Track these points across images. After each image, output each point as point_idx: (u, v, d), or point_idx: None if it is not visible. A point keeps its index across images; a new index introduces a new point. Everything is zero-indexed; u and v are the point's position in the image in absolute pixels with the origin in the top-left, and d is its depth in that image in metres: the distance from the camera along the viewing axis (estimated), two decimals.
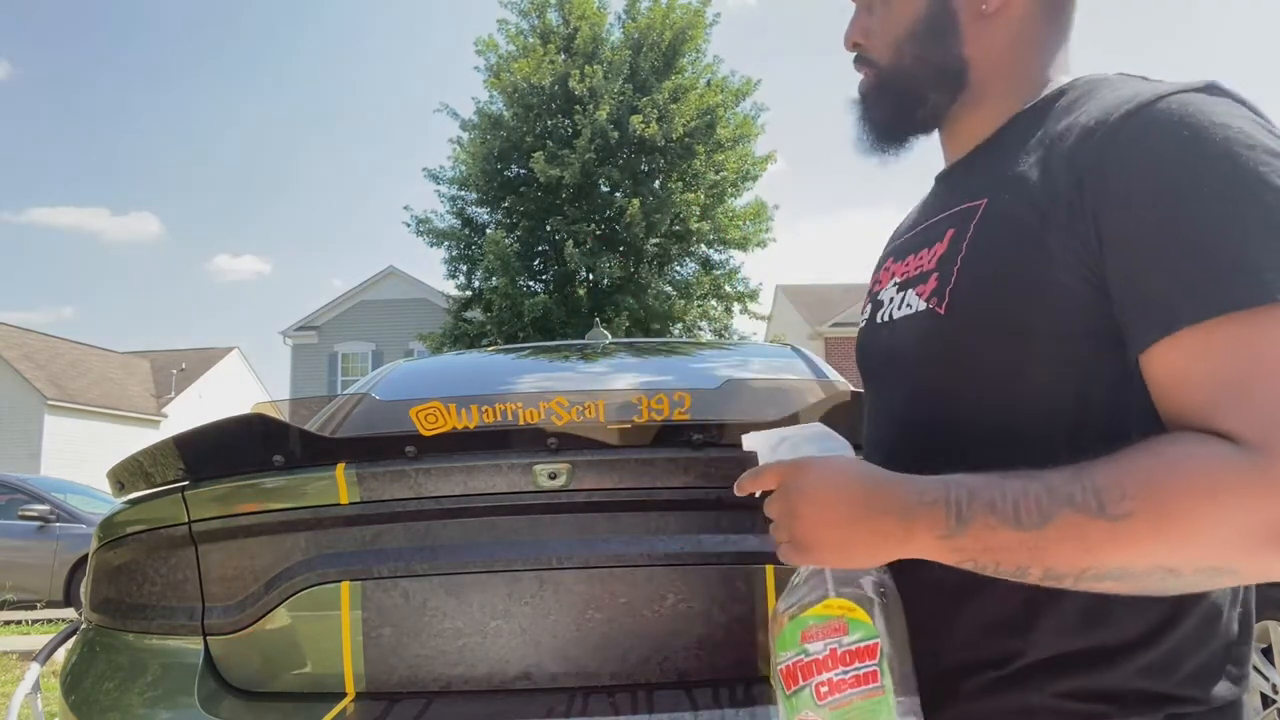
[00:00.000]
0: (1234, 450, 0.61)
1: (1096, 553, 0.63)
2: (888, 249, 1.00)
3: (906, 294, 0.86)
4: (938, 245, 0.83)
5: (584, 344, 3.06)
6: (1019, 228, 0.74)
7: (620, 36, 16.53)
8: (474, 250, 16.45)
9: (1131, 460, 0.63)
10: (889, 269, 0.95)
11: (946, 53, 0.86)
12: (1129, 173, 0.68)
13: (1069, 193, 0.71)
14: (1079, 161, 0.72)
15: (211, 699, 1.36)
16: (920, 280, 0.84)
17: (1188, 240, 0.65)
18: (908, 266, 0.89)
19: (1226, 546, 0.60)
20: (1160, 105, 0.70)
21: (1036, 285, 0.72)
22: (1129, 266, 0.68)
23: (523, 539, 1.40)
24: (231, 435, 1.44)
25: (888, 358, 0.89)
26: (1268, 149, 0.66)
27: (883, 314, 0.91)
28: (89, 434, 24.18)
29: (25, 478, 10.27)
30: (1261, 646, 2.90)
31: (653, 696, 1.34)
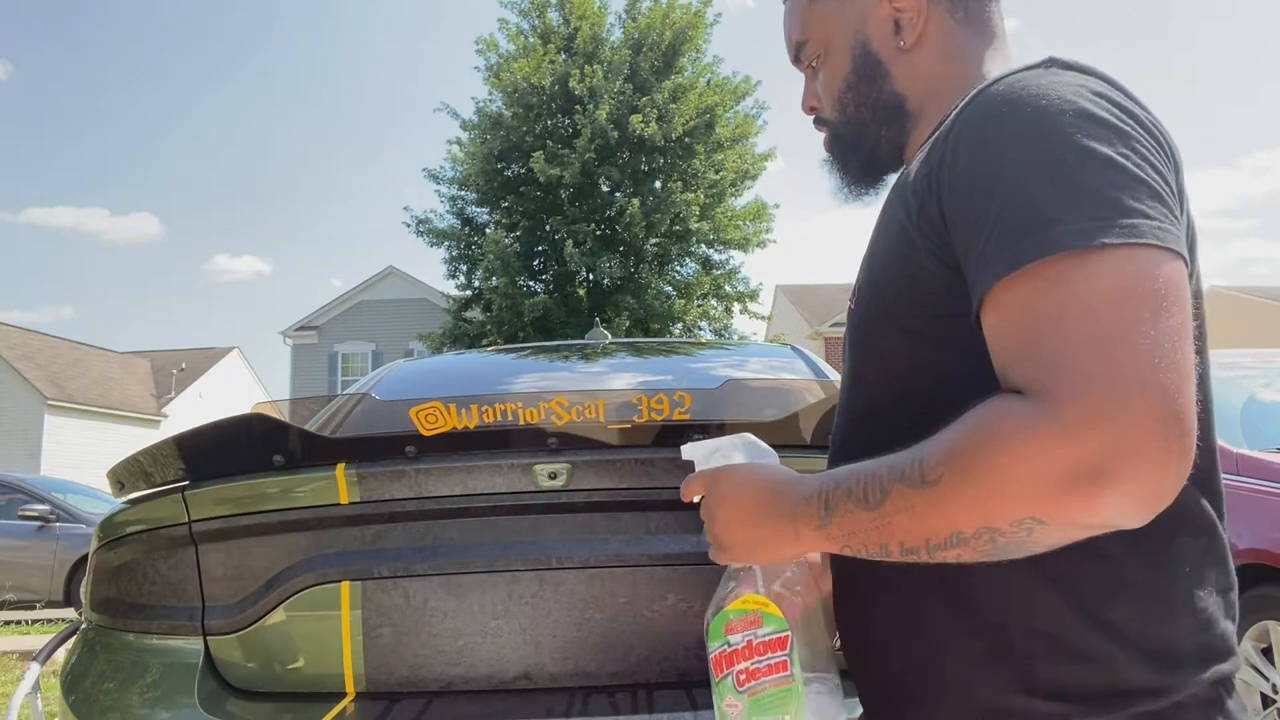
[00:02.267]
0: (1020, 401, 0.62)
1: (927, 520, 0.65)
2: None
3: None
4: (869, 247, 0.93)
5: (584, 344, 3.06)
6: (894, 222, 0.81)
7: (620, 36, 16.53)
8: (474, 250, 16.45)
9: (950, 427, 0.66)
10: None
11: (880, 93, 0.93)
12: (959, 151, 0.72)
13: (923, 180, 0.76)
14: (933, 151, 0.77)
15: (211, 699, 1.36)
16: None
17: (996, 205, 0.67)
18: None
19: (1027, 496, 0.61)
20: (993, 88, 0.75)
21: (910, 274, 0.77)
22: (963, 234, 0.71)
23: (523, 539, 1.40)
24: (231, 435, 1.44)
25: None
26: (1081, 111, 0.68)
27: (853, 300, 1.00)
28: (89, 434, 24.17)
29: (25, 478, 10.27)
30: (1261, 646, 2.90)
31: (653, 696, 1.34)
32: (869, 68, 0.94)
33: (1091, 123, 0.68)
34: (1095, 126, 0.68)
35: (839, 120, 0.98)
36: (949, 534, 0.65)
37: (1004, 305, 0.66)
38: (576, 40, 16.09)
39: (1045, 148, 0.67)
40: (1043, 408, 0.60)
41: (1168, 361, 0.59)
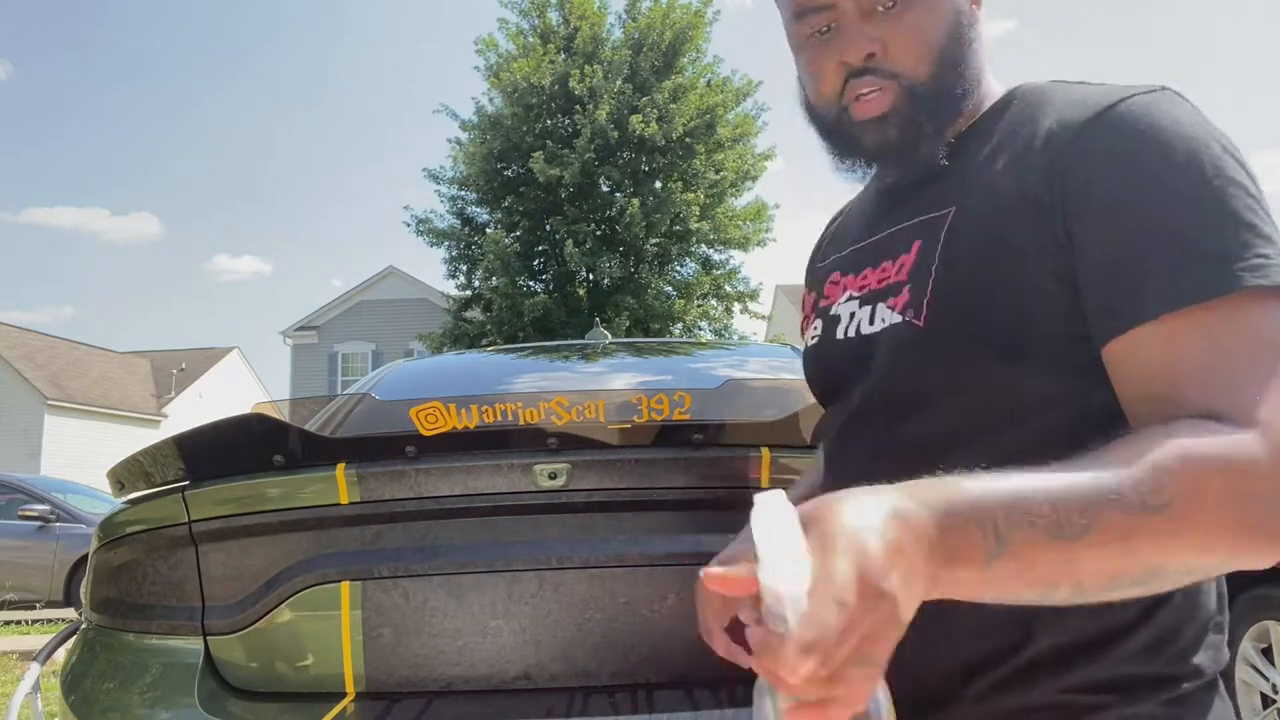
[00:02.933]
0: (1240, 431, 0.59)
1: (1137, 553, 0.57)
2: (831, 261, 0.96)
3: (876, 307, 0.83)
4: (904, 257, 0.82)
5: (584, 344, 3.06)
6: (991, 232, 0.74)
7: (620, 36, 16.53)
8: (474, 250, 16.46)
9: (1147, 448, 0.58)
10: (838, 282, 0.92)
11: (972, 63, 0.83)
12: (1101, 171, 0.70)
13: (1039, 191, 0.72)
14: (1049, 162, 0.73)
15: (211, 699, 1.36)
16: (891, 292, 0.82)
17: (1165, 232, 0.67)
18: (867, 280, 0.87)
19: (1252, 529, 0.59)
20: (1123, 108, 0.72)
21: (1016, 292, 0.72)
22: (1103, 257, 0.69)
23: (523, 539, 1.40)
24: (231, 435, 1.44)
25: (858, 376, 0.85)
26: (1223, 146, 0.70)
27: (845, 329, 0.88)
28: (89, 434, 24.18)
29: (25, 478, 10.28)
30: (1261, 646, 2.90)
31: (653, 696, 1.34)
32: (969, 30, 0.83)
33: (1235, 159, 0.69)
34: (1238, 163, 0.69)
35: (927, 78, 0.81)
36: (1152, 567, 0.58)
37: (1187, 332, 0.64)
38: (576, 40, 16.08)
39: (1208, 180, 0.67)
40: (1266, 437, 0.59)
41: None
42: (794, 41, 0.88)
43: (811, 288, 1.00)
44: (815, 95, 0.87)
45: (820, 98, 0.86)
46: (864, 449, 0.85)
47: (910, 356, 0.79)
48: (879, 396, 0.83)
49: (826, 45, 0.83)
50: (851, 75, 0.82)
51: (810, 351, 0.95)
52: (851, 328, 0.87)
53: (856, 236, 0.94)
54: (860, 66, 0.81)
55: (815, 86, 0.86)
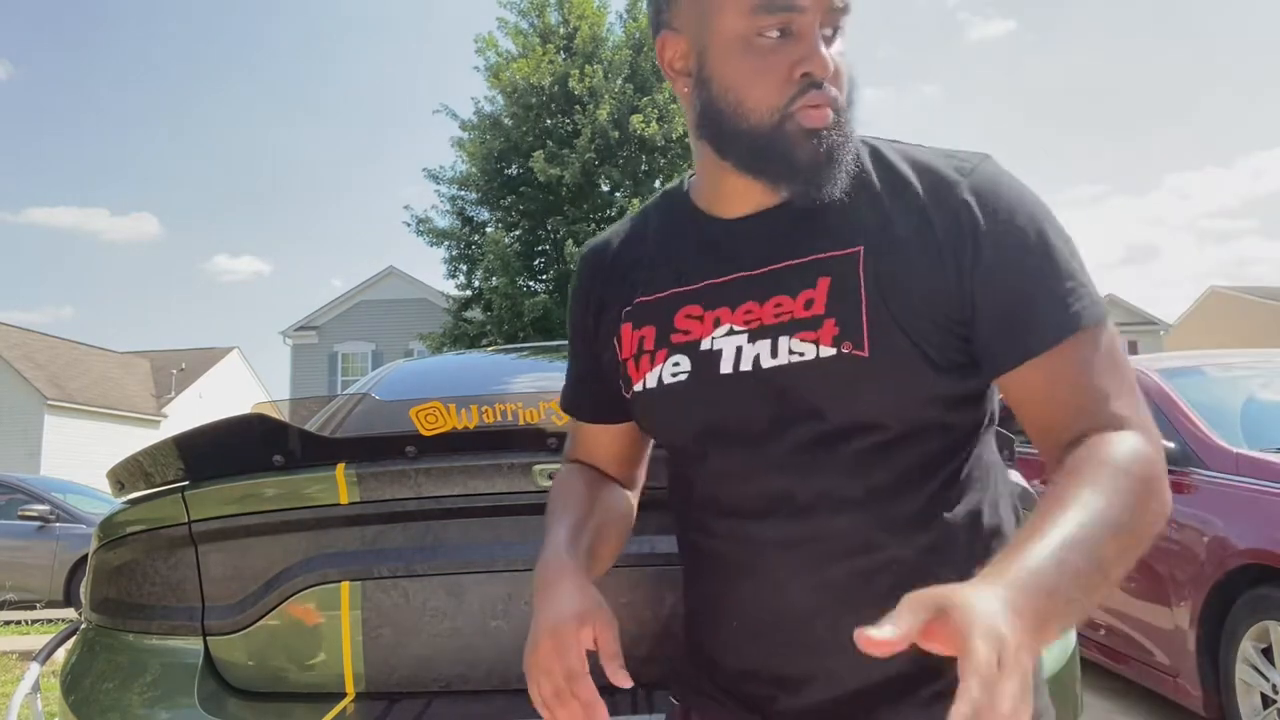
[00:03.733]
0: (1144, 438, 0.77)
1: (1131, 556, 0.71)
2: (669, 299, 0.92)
3: (778, 340, 0.84)
4: (808, 292, 0.84)
5: None
6: (916, 270, 0.82)
7: (621, 36, 16.53)
8: (474, 250, 16.46)
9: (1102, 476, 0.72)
10: (701, 317, 0.89)
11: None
12: (1000, 220, 0.82)
13: (952, 238, 0.82)
14: (953, 210, 0.82)
15: (211, 699, 1.36)
16: (805, 326, 0.83)
17: (1053, 271, 0.81)
18: (753, 314, 0.86)
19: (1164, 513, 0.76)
20: (987, 168, 0.85)
21: (937, 319, 0.82)
22: (1014, 294, 0.81)
23: (523, 539, 1.40)
24: (231, 435, 1.44)
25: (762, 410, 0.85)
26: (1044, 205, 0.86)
27: (732, 363, 0.86)
28: (89, 434, 24.18)
29: (25, 478, 10.28)
30: (1261, 646, 2.90)
31: (653, 696, 1.34)
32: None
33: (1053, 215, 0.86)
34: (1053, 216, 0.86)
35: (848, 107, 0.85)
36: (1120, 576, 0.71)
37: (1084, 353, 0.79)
38: (576, 40, 16.09)
39: (1059, 230, 0.83)
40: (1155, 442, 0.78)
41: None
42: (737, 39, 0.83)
43: (638, 324, 0.94)
44: (748, 98, 0.83)
45: (758, 102, 0.83)
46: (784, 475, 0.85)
47: (854, 385, 0.82)
48: (804, 424, 0.84)
49: (777, 50, 0.82)
50: (812, 86, 0.82)
51: (681, 388, 0.89)
52: (744, 362, 0.85)
53: (707, 272, 0.90)
54: (820, 81, 0.82)
55: (755, 89, 0.83)
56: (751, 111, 0.83)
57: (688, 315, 0.90)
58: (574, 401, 1.08)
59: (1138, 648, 3.50)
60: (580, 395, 1.06)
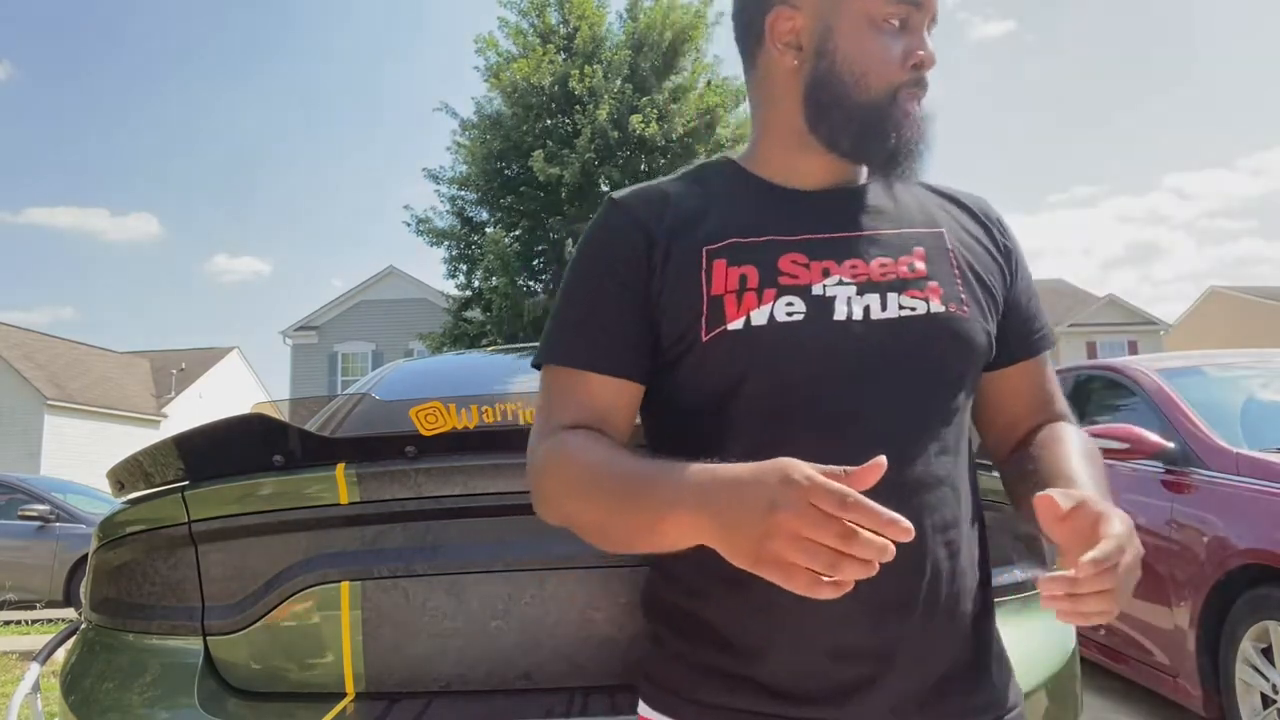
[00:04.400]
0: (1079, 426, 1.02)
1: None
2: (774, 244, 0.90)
3: (888, 296, 0.89)
4: (906, 258, 0.93)
5: None
6: (988, 256, 0.99)
7: (620, 36, 16.53)
8: (474, 250, 16.45)
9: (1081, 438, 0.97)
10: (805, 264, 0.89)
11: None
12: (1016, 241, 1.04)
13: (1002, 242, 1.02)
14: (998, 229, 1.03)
15: (211, 699, 1.36)
16: (911, 285, 0.91)
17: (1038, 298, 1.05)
18: (858, 269, 0.90)
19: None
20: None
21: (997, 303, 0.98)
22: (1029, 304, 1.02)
23: (523, 539, 1.40)
24: (231, 435, 1.44)
25: (876, 356, 0.86)
26: None
27: (847, 312, 0.87)
28: (89, 434, 24.17)
29: (25, 478, 10.27)
30: (1261, 647, 2.90)
31: None
32: None
33: None
34: None
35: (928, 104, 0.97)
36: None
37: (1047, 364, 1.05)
38: (576, 40, 16.08)
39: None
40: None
41: None
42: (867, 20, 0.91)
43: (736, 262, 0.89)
44: (868, 73, 0.91)
45: (877, 79, 0.91)
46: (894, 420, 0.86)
47: (958, 340, 0.91)
48: (915, 371, 0.89)
49: (896, 36, 0.92)
50: (918, 75, 0.92)
51: (796, 328, 0.86)
52: (856, 311, 0.87)
53: (796, 229, 0.91)
54: (924, 73, 0.93)
55: (877, 66, 0.91)
56: (872, 86, 0.91)
57: (793, 262, 0.89)
58: (592, 347, 0.91)
59: (1137, 647, 3.50)
60: (606, 340, 0.91)
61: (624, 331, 0.90)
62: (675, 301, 0.89)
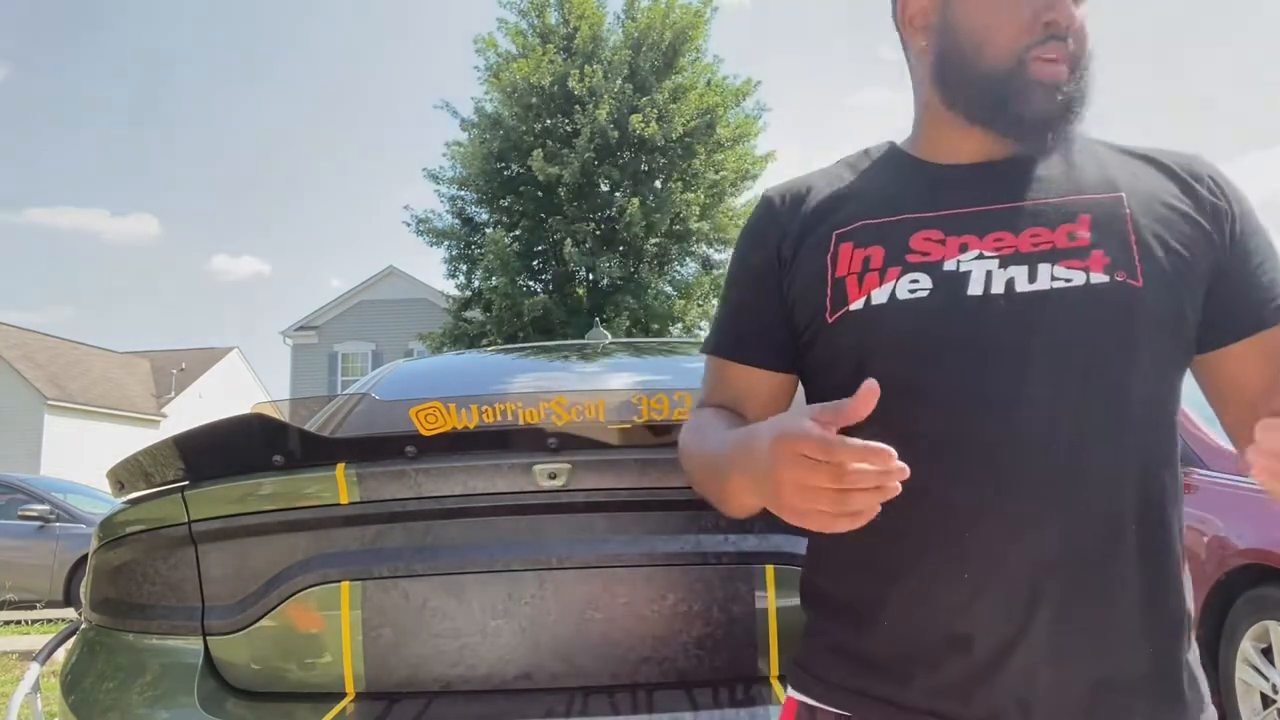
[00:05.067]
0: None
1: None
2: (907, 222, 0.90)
3: (1038, 267, 0.83)
4: (1068, 226, 0.85)
5: (584, 344, 3.06)
6: (1186, 221, 0.86)
7: (620, 36, 16.53)
8: (474, 250, 16.46)
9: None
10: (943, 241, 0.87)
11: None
12: (1244, 204, 0.90)
13: (1213, 203, 0.88)
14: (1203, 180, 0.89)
15: (211, 699, 1.36)
16: (1070, 255, 0.83)
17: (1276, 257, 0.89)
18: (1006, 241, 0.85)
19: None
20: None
21: (1201, 271, 0.86)
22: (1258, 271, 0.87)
23: (523, 539, 1.40)
24: (231, 435, 1.44)
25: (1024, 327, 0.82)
26: None
27: (985, 285, 0.84)
28: (89, 434, 24.17)
29: (25, 478, 10.27)
30: (1261, 647, 2.90)
31: (653, 696, 1.34)
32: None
33: None
34: None
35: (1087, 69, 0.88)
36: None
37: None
38: (576, 40, 16.08)
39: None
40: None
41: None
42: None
43: (864, 244, 0.90)
44: (987, 40, 0.87)
45: (996, 45, 0.87)
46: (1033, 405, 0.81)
47: (1127, 312, 0.83)
48: (1062, 351, 0.82)
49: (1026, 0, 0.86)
50: (1052, 38, 0.86)
51: (918, 305, 0.85)
52: (995, 285, 0.83)
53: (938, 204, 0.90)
54: (1062, 33, 0.86)
55: (996, 31, 0.87)
56: (991, 55, 0.87)
57: (926, 239, 0.87)
58: (733, 341, 0.99)
59: None
60: (743, 334, 0.98)
61: (758, 323, 0.97)
62: (805, 287, 0.92)
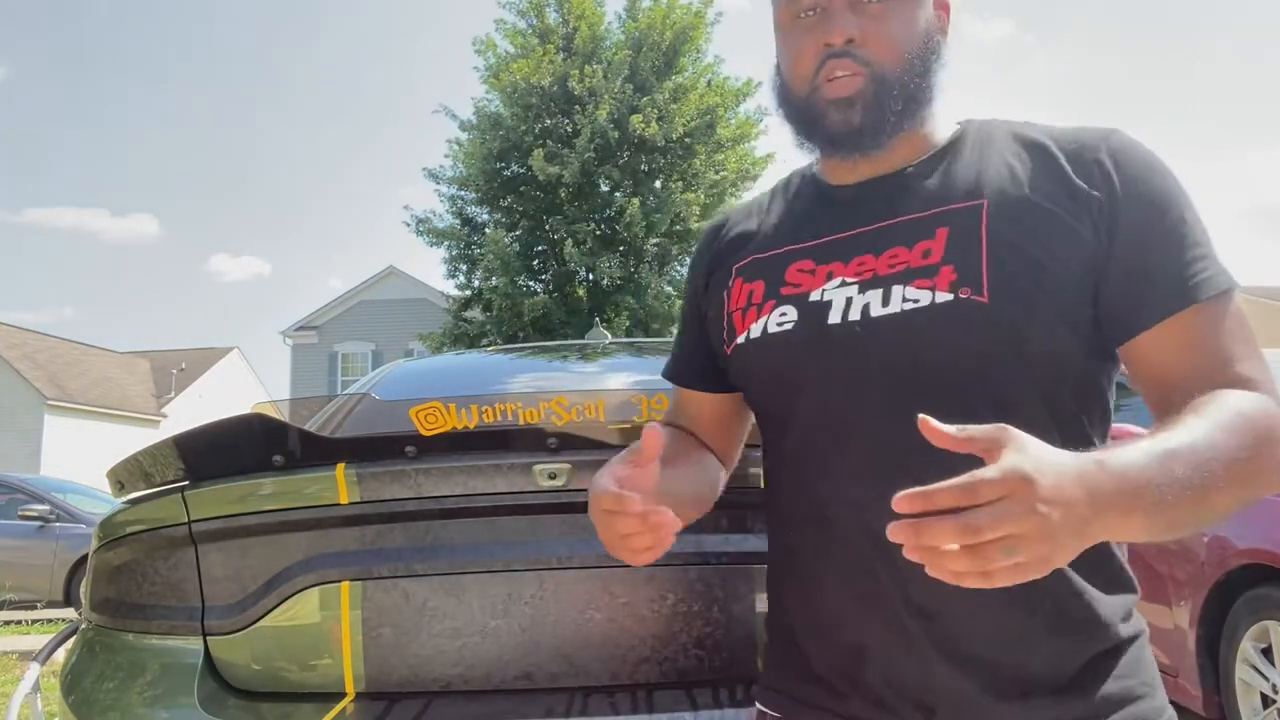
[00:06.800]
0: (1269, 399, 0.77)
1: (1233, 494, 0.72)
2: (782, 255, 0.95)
3: (891, 290, 0.85)
4: (925, 243, 0.85)
5: (584, 344, 3.06)
6: (1051, 221, 0.83)
7: (620, 36, 16.53)
8: (474, 250, 16.46)
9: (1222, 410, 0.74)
10: (813, 271, 0.91)
11: (934, 77, 0.92)
12: (1137, 181, 0.84)
13: (1087, 189, 0.83)
14: (1088, 164, 0.85)
15: (211, 699, 1.36)
16: (920, 274, 0.84)
17: (1185, 238, 0.82)
18: (866, 265, 0.87)
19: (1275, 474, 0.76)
20: (1125, 133, 0.88)
21: (1070, 271, 0.82)
22: (1148, 254, 0.82)
23: (523, 539, 1.40)
24: (231, 435, 1.44)
25: (870, 358, 0.85)
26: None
27: (840, 313, 0.87)
28: (89, 434, 24.17)
29: (25, 478, 10.27)
30: (1261, 646, 2.90)
31: (653, 696, 1.34)
32: (934, 39, 0.92)
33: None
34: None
35: (896, 71, 0.88)
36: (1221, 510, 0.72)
37: (1215, 317, 0.81)
38: (575, 40, 16.08)
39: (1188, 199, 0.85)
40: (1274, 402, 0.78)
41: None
42: (780, 21, 0.93)
43: (749, 278, 0.96)
44: (791, 74, 0.92)
45: (796, 76, 0.92)
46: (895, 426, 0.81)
47: (969, 331, 0.82)
48: (919, 371, 0.83)
49: (810, 29, 0.90)
50: (830, 56, 0.88)
51: (784, 337, 0.90)
52: (853, 311, 0.86)
53: (821, 230, 0.93)
54: (840, 49, 0.88)
55: (792, 65, 0.92)
56: (792, 85, 0.92)
57: (799, 269, 0.92)
58: (676, 368, 1.10)
59: None
60: (682, 361, 1.09)
61: (690, 350, 1.08)
62: (713, 319, 1.02)
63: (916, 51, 0.89)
